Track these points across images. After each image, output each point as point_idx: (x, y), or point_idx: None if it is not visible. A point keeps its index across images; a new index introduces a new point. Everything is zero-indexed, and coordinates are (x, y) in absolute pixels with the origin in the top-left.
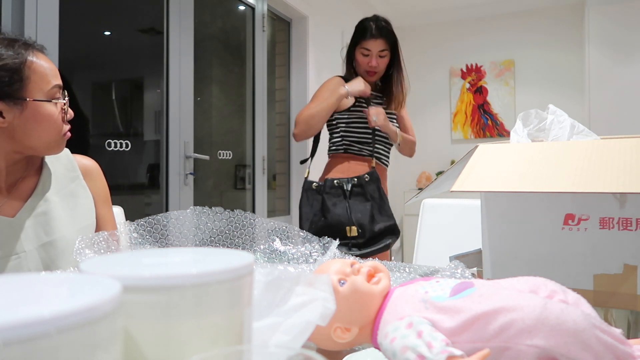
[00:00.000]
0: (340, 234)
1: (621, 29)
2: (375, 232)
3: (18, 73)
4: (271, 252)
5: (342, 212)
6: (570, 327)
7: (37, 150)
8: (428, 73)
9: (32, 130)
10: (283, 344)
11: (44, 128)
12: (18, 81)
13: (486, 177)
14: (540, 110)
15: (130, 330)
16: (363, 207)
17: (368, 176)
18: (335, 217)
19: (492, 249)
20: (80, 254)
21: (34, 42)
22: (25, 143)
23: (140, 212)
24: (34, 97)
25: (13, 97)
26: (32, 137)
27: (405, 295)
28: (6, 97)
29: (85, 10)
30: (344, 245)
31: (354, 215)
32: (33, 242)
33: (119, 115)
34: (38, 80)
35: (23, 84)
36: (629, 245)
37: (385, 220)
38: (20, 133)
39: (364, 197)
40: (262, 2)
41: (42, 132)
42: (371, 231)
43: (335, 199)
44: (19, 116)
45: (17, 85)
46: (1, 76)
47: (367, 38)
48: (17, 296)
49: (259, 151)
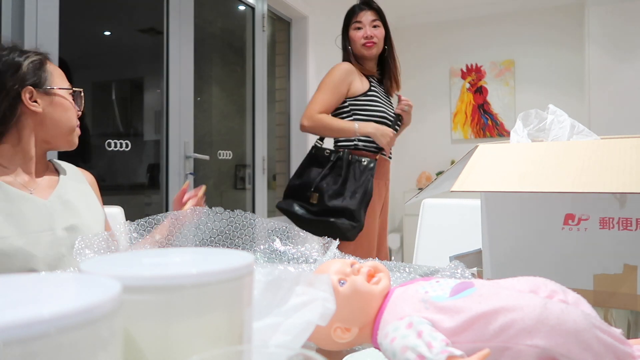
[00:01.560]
0: (305, 198)
1: (621, 29)
2: (329, 206)
3: (44, 66)
4: (271, 252)
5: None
6: (570, 327)
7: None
8: (428, 73)
9: (58, 117)
10: (283, 344)
11: (68, 115)
12: (45, 73)
13: (486, 177)
14: (540, 110)
15: (130, 330)
16: (333, 179)
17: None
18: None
19: (492, 249)
20: (80, 254)
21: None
22: (52, 130)
23: (140, 212)
24: (59, 86)
25: (44, 86)
26: (58, 124)
27: (405, 295)
28: (38, 87)
29: (85, 10)
30: (302, 207)
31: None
32: (62, 223)
33: (119, 115)
34: (58, 75)
35: (49, 76)
36: (629, 245)
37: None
38: (49, 120)
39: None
40: (262, 2)
41: (65, 119)
42: (325, 203)
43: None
44: (49, 104)
45: (46, 75)
46: (33, 69)
47: (356, 12)
48: (17, 296)
49: (259, 151)
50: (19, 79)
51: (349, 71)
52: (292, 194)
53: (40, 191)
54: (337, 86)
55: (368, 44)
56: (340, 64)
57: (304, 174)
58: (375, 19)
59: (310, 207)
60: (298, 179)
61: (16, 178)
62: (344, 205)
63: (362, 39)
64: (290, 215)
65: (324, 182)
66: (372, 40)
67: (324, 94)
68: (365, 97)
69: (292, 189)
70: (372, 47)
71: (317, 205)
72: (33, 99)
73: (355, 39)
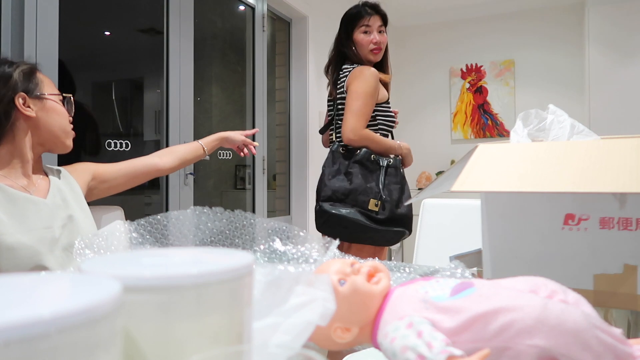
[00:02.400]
0: (360, 204)
1: (621, 29)
2: (395, 214)
3: (34, 74)
4: (271, 252)
5: (372, 185)
6: (571, 327)
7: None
8: (428, 73)
9: (52, 121)
10: (283, 344)
11: (60, 119)
12: (35, 80)
13: (486, 177)
14: (540, 110)
15: (130, 330)
16: (394, 187)
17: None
18: (363, 186)
19: (492, 249)
20: (80, 254)
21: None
22: (47, 133)
23: (140, 212)
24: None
25: (35, 92)
26: (53, 127)
27: (405, 295)
28: (30, 93)
29: (85, 10)
30: (362, 214)
31: (384, 191)
32: (60, 220)
33: (119, 115)
34: (48, 83)
35: (40, 83)
36: (629, 245)
37: (406, 209)
38: (43, 124)
39: (397, 178)
40: (262, 2)
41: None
42: (391, 212)
43: (366, 170)
44: (42, 109)
45: (36, 82)
46: (24, 77)
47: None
48: (17, 296)
49: (259, 151)
50: (11, 87)
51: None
52: (341, 198)
53: (38, 192)
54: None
55: (375, 50)
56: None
57: (351, 178)
58: (381, 24)
59: (374, 215)
60: (346, 183)
61: (15, 181)
62: (404, 214)
63: (372, 44)
64: (345, 221)
65: (385, 191)
66: (379, 47)
67: (365, 105)
68: (387, 104)
69: (341, 193)
70: (379, 53)
71: (382, 213)
72: (26, 105)
73: (363, 43)
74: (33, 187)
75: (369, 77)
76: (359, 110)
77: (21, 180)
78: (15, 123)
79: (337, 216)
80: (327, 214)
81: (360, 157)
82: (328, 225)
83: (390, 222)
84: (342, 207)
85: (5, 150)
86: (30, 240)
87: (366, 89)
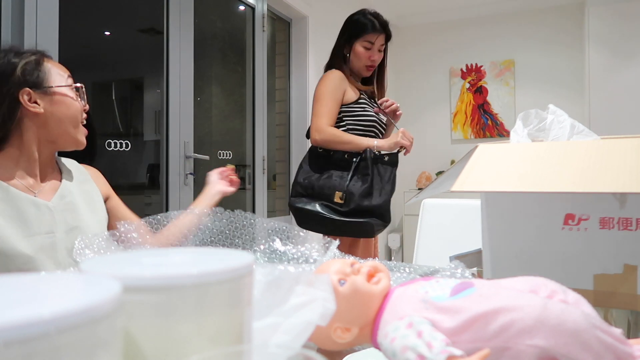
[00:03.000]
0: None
1: (621, 29)
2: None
3: (40, 66)
4: (271, 252)
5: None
6: (571, 327)
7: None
8: (428, 73)
9: (62, 116)
10: (283, 344)
11: (71, 113)
12: (42, 72)
13: (486, 177)
14: (540, 110)
15: (130, 330)
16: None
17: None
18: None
19: (492, 249)
20: (80, 254)
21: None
22: (57, 130)
23: (140, 212)
24: (58, 84)
25: (41, 86)
26: (63, 122)
27: (405, 295)
28: (36, 87)
29: (85, 10)
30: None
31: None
32: (63, 225)
33: (119, 115)
34: (57, 73)
35: (47, 75)
36: (629, 245)
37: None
38: (53, 119)
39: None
40: (262, 2)
41: (69, 116)
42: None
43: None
44: (51, 103)
45: (42, 75)
46: (29, 70)
47: (370, 31)
48: (17, 296)
49: (259, 151)
50: (14, 81)
51: (341, 78)
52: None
53: (45, 193)
54: (334, 94)
55: (370, 68)
56: (331, 72)
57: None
58: (383, 43)
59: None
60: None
61: (21, 181)
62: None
63: (369, 60)
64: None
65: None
66: (374, 64)
67: (325, 105)
68: (357, 104)
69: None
70: (371, 71)
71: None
72: (32, 100)
73: (361, 56)
74: (39, 187)
75: (329, 79)
76: (319, 111)
77: (27, 179)
78: (21, 121)
79: (298, 209)
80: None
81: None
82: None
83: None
84: (300, 201)
85: (12, 149)
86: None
87: (325, 90)
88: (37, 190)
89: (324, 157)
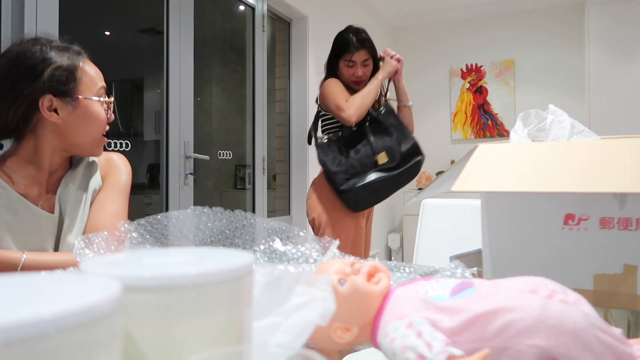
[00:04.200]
0: (372, 166)
1: (621, 29)
2: (403, 153)
3: (73, 74)
4: (271, 252)
5: (366, 148)
6: (570, 327)
7: (82, 148)
8: (428, 73)
9: (81, 128)
10: (283, 344)
11: (92, 126)
12: (72, 81)
13: (486, 177)
14: (540, 110)
15: (130, 330)
16: (387, 137)
17: (384, 108)
18: (362, 153)
19: (492, 249)
20: (80, 254)
21: (82, 50)
22: (73, 141)
23: (140, 212)
24: (85, 96)
25: (68, 95)
26: (81, 134)
27: (406, 295)
28: (62, 95)
29: (85, 10)
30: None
31: (378, 145)
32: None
33: (119, 115)
34: (88, 82)
35: (77, 83)
36: (629, 245)
37: (410, 141)
38: (71, 130)
39: (384, 128)
40: (262, 2)
41: (89, 130)
42: (399, 153)
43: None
44: (71, 113)
45: (71, 84)
46: (59, 76)
47: (350, 51)
48: (17, 296)
49: (259, 151)
50: (39, 85)
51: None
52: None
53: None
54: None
55: (357, 82)
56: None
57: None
58: (367, 58)
59: (389, 165)
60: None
61: (26, 190)
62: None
63: (354, 76)
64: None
65: (382, 142)
66: (361, 79)
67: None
68: None
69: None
70: (361, 84)
71: (393, 160)
72: (52, 108)
73: (346, 74)
74: (44, 196)
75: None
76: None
77: (33, 188)
78: (37, 126)
79: (367, 186)
80: (356, 189)
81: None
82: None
83: (405, 160)
84: (362, 178)
85: (24, 152)
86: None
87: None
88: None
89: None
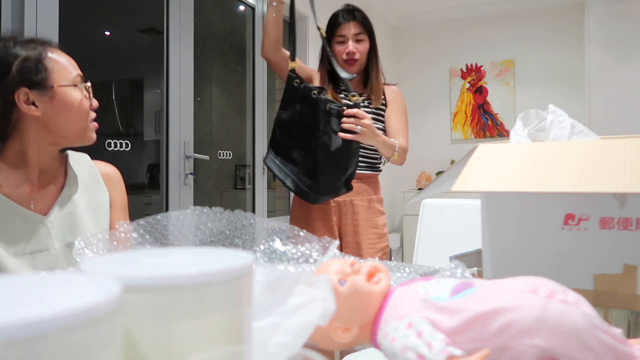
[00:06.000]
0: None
1: (621, 29)
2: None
3: (42, 63)
4: (271, 252)
5: None
6: (571, 327)
7: (70, 138)
8: (428, 73)
9: (63, 117)
10: (283, 344)
11: (74, 114)
12: (43, 71)
13: (486, 177)
14: (540, 110)
15: (130, 330)
16: None
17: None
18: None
19: (492, 249)
20: (80, 254)
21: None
22: (58, 132)
23: (140, 212)
24: (60, 84)
25: (41, 86)
26: (65, 124)
27: (406, 295)
28: (35, 87)
29: (85, 10)
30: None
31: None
32: (61, 240)
33: (119, 115)
34: (61, 70)
35: (48, 73)
36: (629, 245)
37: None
38: (53, 122)
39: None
40: (262, 2)
41: (72, 119)
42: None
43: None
44: (50, 104)
45: (42, 74)
46: (28, 67)
47: (339, 24)
48: (17, 296)
49: (259, 151)
50: (10, 80)
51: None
52: None
53: (43, 204)
54: None
55: (349, 62)
56: None
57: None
58: (359, 32)
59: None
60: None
61: (16, 190)
62: None
63: (345, 53)
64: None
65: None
66: (353, 57)
67: None
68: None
69: None
70: (354, 64)
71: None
72: (29, 102)
73: (337, 52)
74: (37, 196)
75: None
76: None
77: (23, 188)
78: (19, 123)
79: None
80: None
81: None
82: None
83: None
84: None
85: (11, 152)
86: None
87: None
88: (34, 200)
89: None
